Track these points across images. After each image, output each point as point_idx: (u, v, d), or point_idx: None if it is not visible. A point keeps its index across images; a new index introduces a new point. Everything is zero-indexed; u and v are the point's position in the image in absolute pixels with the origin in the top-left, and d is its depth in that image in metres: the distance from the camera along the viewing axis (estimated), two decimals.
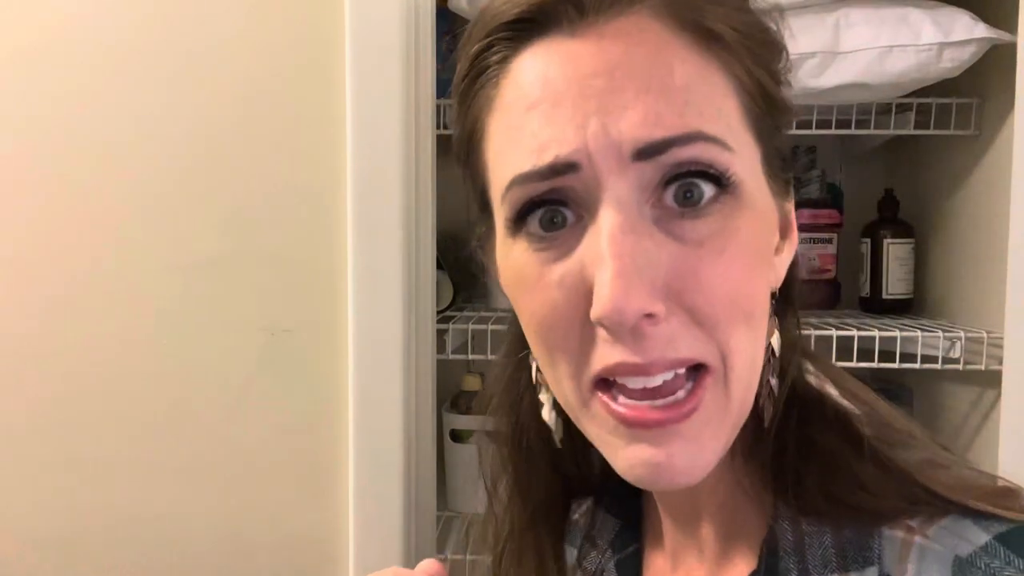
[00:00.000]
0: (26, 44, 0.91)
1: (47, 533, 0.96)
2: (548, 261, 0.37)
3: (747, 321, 0.36)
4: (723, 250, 0.35)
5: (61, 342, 0.94)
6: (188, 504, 0.95)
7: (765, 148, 0.39)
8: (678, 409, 0.36)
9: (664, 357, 0.35)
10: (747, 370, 0.37)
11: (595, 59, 0.35)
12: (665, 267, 0.35)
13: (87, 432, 0.94)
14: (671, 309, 0.35)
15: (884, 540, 0.36)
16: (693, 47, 0.36)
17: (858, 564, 0.36)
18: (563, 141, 0.35)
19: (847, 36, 1.05)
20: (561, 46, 0.36)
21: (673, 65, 0.35)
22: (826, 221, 1.30)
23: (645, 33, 0.35)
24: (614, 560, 0.49)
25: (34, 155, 0.92)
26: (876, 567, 0.36)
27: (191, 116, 0.91)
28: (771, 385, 0.40)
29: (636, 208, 0.35)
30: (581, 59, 0.35)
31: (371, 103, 0.88)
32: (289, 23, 0.90)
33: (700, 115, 0.35)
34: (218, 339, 0.93)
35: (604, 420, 0.37)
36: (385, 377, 0.90)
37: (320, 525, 0.94)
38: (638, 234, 0.34)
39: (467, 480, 1.27)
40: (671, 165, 0.34)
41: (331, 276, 0.91)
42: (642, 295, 0.33)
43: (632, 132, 0.34)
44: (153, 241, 0.92)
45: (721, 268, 0.35)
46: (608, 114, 0.34)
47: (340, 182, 0.90)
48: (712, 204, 0.35)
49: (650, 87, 0.34)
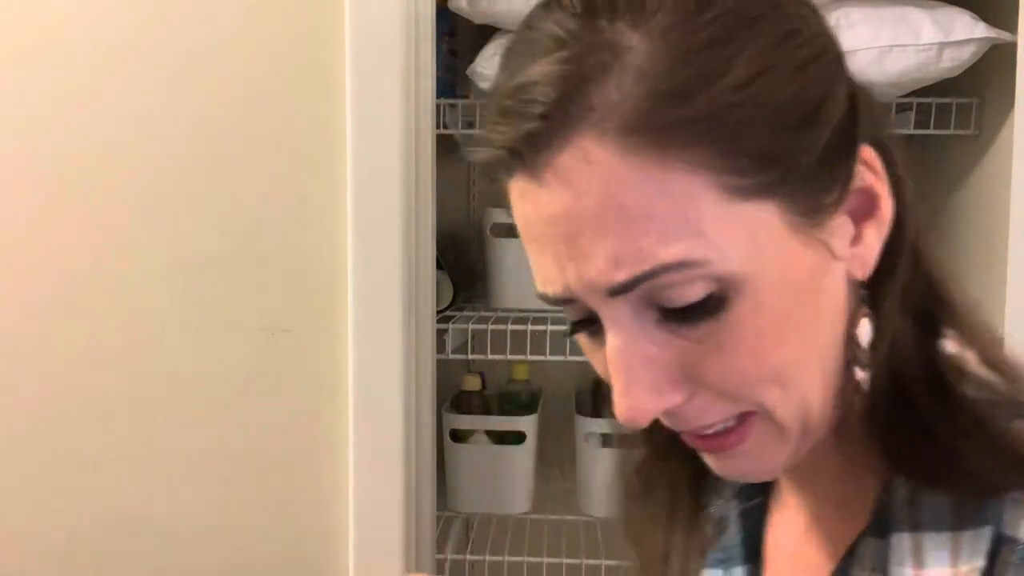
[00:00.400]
0: (26, 44, 0.91)
1: (47, 532, 0.96)
2: (594, 347, 0.40)
3: (778, 380, 0.37)
4: (722, 346, 0.36)
5: (61, 342, 0.94)
6: (188, 503, 0.95)
7: (788, 191, 0.36)
8: (724, 439, 0.38)
9: (699, 426, 0.38)
10: (797, 406, 0.38)
11: (552, 204, 0.35)
12: (676, 360, 0.37)
13: (87, 432, 0.94)
14: (695, 389, 0.37)
15: (1005, 502, 0.36)
16: (646, 157, 0.34)
17: (973, 524, 0.37)
18: (554, 281, 0.37)
19: (847, 36, 1.05)
20: (527, 189, 0.37)
21: (624, 199, 0.34)
22: None
23: (592, 167, 0.34)
24: (739, 509, 0.50)
25: (34, 155, 0.92)
26: (992, 527, 0.36)
27: (191, 116, 0.91)
28: (859, 378, 0.40)
29: (634, 321, 0.36)
30: (542, 204, 0.36)
31: (371, 103, 0.88)
32: (289, 23, 0.90)
33: (661, 242, 0.34)
34: (218, 339, 0.93)
35: None
36: (385, 377, 0.90)
37: (320, 525, 0.94)
38: (639, 344, 0.36)
39: (467, 480, 1.27)
40: (648, 291, 0.35)
41: (331, 276, 0.91)
42: (651, 400, 0.36)
43: (599, 279, 0.35)
44: (153, 241, 0.92)
45: (726, 360, 0.36)
46: (578, 261, 0.36)
47: (340, 182, 0.90)
48: (700, 317, 0.36)
49: (606, 231, 0.34)
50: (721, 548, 0.50)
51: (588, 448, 1.26)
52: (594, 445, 1.26)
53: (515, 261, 1.25)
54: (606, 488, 1.25)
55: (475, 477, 1.26)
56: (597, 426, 1.26)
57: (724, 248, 0.35)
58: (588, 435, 1.26)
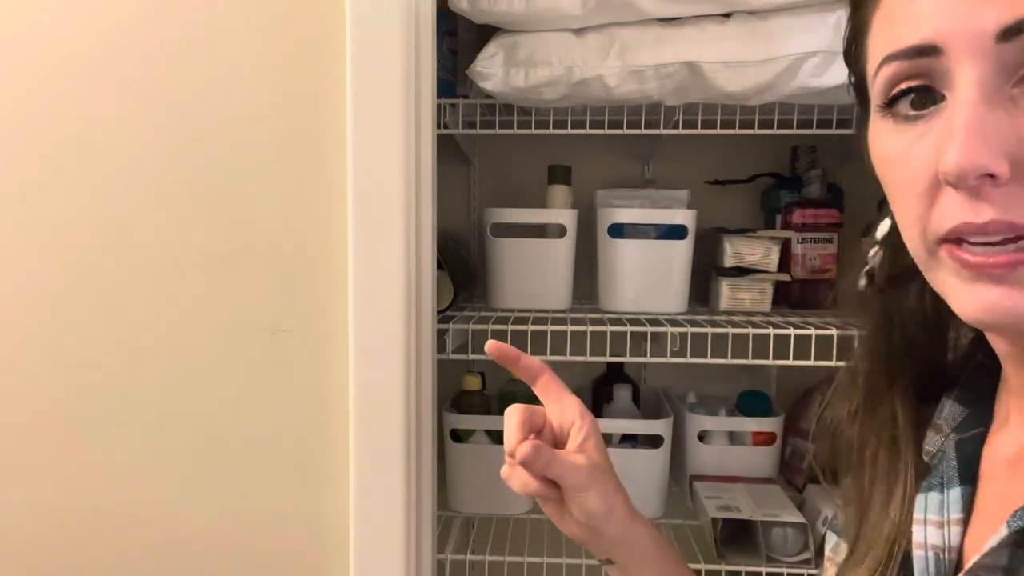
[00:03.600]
0: (25, 44, 0.91)
1: (46, 532, 0.96)
2: (911, 140, 0.40)
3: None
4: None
5: (61, 342, 0.94)
6: (187, 503, 0.95)
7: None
8: (1020, 255, 0.37)
9: (1001, 219, 0.37)
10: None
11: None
12: (1015, 138, 0.37)
13: (86, 432, 0.94)
14: (1015, 177, 0.37)
15: None
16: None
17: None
18: (923, 26, 0.38)
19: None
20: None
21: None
22: (827, 220, 1.30)
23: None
24: (955, 440, 0.50)
25: (33, 155, 0.92)
26: None
27: (191, 116, 0.91)
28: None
29: (994, 85, 0.37)
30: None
31: (371, 103, 0.88)
32: (289, 23, 0.90)
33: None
34: (218, 339, 0.93)
35: (948, 265, 0.40)
36: (385, 377, 0.90)
37: (320, 524, 0.94)
38: (992, 105, 0.37)
39: (467, 480, 1.27)
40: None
41: (331, 276, 0.91)
42: (985, 154, 0.36)
43: (997, 13, 0.36)
44: (153, 241, 0.92)
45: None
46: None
47: (340, 182, 0.90)
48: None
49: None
50: (939, 473, 0.49)
51: None
52: None
53: (515, 261, 1.25)
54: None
55: (475, 477, 1.26)
56: None
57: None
58: None
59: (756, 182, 1.44)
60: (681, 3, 1.06)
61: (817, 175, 1.32)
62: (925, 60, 0.39)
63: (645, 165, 1.47)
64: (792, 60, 1.06)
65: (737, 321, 1.15)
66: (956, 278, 0.40)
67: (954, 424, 0.51)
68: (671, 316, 1.20)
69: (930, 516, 0.48)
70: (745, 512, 1.14)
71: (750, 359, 1.09)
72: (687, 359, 1.08)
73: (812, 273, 1.31)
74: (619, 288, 1.23)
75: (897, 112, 0.42)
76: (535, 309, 1.24)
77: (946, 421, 0.51)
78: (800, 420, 1.38)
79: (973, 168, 0.36)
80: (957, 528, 0.46)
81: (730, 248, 1.25)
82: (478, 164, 1.48)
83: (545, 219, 1.27)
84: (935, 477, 0.49)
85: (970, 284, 0.39)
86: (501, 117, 1.23)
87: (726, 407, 1.37)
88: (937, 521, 0.47)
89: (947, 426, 0.51)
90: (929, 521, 0.48)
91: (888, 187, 0.44)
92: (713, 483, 1.26)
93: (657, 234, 1.24)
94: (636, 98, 1.12)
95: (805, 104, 1.14)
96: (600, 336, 1.11)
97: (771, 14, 1.08)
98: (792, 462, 1.35)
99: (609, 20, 1.09)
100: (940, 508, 0.48)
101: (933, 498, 0.48)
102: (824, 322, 1.14)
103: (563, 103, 1.15)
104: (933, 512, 0.48)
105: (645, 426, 1.26)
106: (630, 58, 1.08)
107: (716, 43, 1.07)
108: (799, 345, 1.08)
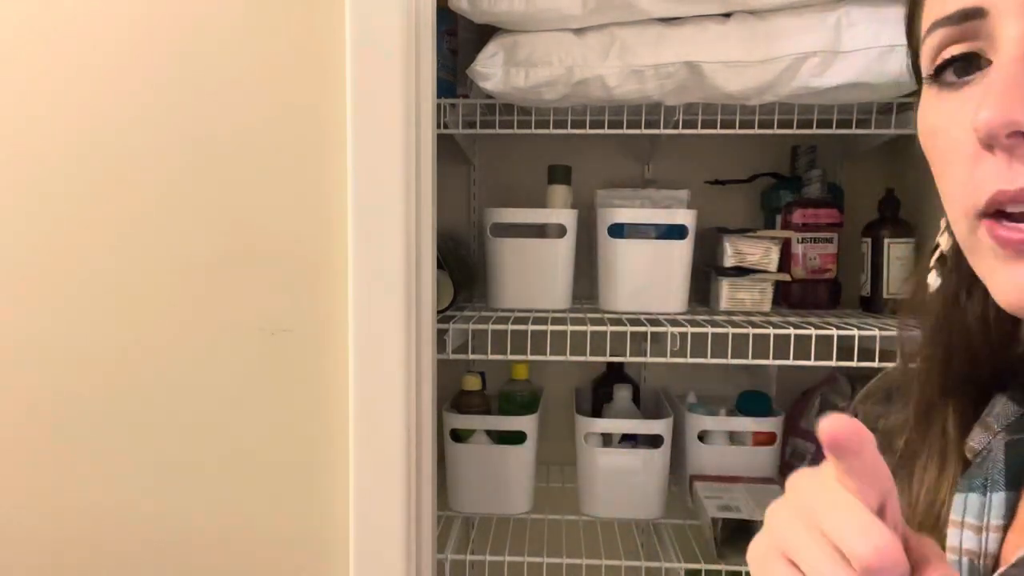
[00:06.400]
0: (25, 44, 0.91)
1: (46, 532, 0.96)
2: (954, 107, 0.40)
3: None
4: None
5: (61, 342, 0.94)
6: (187, 503, 0.95)
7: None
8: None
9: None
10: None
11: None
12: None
13: (86, 432, 0.94)
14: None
15: None
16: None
17: None
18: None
19: (848, 35, 1.05)
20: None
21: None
22: (827, 220, 1.30)
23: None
24: (1005, 440, 0.47)
25: (33, 156, 0.92)
26: None
27: (191, 116, 0.91)
28: None
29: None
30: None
31: (371, 103, 0.88)
32: (289, 23, 0.90)
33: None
34: (218, 339, 0.93)
35: (987, 245, 0.38)
36: (385, 377, 0.90)
37: (320, 525, 0.94)
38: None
39: (467, 480, 1.27)
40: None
41: (331, 276, 0.91)
42: (1020, 110, 0.35)
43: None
44: (153, 242, 0.92)
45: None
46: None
47: (340, 182, 0.90)
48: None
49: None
50: (982, 474, 0.46)
51: (588, 448, 1.26)
52: (594, 445, 1.26)
53: (515, 261, 1.25)
54: (605, 487, 1.25)
55: (475, 477, 1.26)
56: (597, 426, 1.26)
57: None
58: (588, 435, 1.26)
59: (756, 182, 1.44)
60: (681, 3, 1.06)
61: (817, 175, 1.32)
62: (971, 24, 0.38)
63: (645, 165, 1.47)
64: (792, 60, 1.06)
65: (737, 321, 1.15)
66: (994, 258, 0.38)
67: (1005, 423, 0.48)
68: (671, 316, 1.20)
69: (969, 519, 0.45)
70: (745, 512, 1.14)
71: (750, 359, 1.09)
72: (687, 359, 1.08)
73: (812, 273, 1.31)
74: (619, 288, 1.23)
75: (943, 80, 0.41)
76: (535, 309, 1.24)
77: (996, 419, 0.49)
78: (800, 420, 1.38)
79: (1004, 123, 0.35)
80: (996, 535, 0.44)
81: (730, 248, 1.25)
82: (478, 164, 1.48)
83: (545, 219, 1.27)
84: (977, 477, 0.46)
85: (1008, 264, 0.37)
86: (501, 117, 1.23)
87: (726, 407, 1.37)
88: (975, 525, 0.44)
89: (997, 424, 0.48)
90: (967, 524, 0.45)
91: (932, 162, 0.42)
92: (713, 483, 1.26)
93: (657, 234, 1.24)
94: (636, 98, 1.12)
95: (805, 104, 1.15)
96: (600, 336, 1.11)
97: (771, 14, 1.08)
98: (792, 462, 1.36)
99: (609, 20, 1.09)
100: (981, 512, 0.45)
101: (974, 500, 0.45)
102: (824, 322, 1.14)
103: (563, 103, 1.15)
104: (972, 515, 0.45)
105: (645, 426, 1.26)
106: (630, 58, 1.08)
107: (716, 43, 1.07)
108: (799, 345, 1.08)
